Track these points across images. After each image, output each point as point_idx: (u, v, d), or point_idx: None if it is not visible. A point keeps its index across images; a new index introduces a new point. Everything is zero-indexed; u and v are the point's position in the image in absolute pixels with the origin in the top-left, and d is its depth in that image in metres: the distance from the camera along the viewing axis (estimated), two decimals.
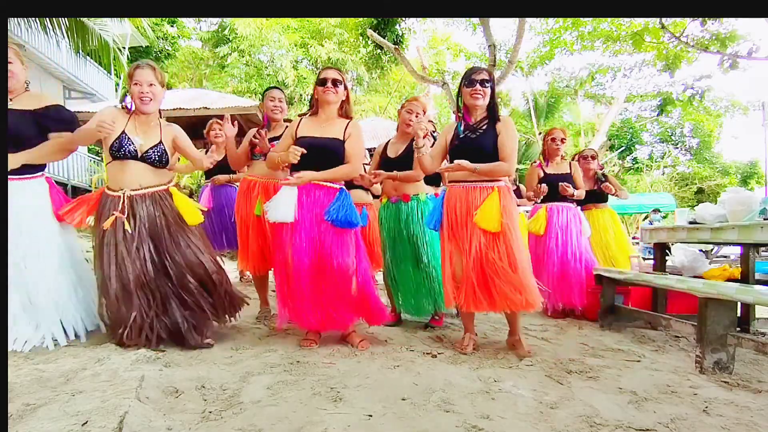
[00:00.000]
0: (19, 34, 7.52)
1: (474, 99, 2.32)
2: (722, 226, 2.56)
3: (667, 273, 2.93)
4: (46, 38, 5.60)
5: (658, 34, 10.23)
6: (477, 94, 2.31)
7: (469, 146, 2.33)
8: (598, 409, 1.62)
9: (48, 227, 2.31)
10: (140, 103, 2.25)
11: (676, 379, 2.00)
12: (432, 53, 17.54)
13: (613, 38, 11.65)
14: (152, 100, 2.26)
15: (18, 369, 1.82)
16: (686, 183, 20.85)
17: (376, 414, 1.52)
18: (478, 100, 2.32)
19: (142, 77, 2.22)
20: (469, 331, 2.46)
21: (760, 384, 1.96)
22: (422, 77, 11.08)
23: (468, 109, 2.39)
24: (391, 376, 1.91)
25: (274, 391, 1.69)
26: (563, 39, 12.55)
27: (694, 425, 1.52)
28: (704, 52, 9.47)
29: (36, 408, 1.43)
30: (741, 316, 2.50)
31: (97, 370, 1.78)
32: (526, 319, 3.28)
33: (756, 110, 18.66)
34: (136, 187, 2.27)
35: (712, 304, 2.09)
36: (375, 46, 12.66)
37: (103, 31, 6.01)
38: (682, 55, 10.30)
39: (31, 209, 2.27)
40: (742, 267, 2.61)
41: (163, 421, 1.40)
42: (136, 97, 2.24)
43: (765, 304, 1.90)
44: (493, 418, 1.53)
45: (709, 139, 22.47)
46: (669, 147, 23.29)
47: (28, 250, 2.21)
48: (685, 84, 12.68)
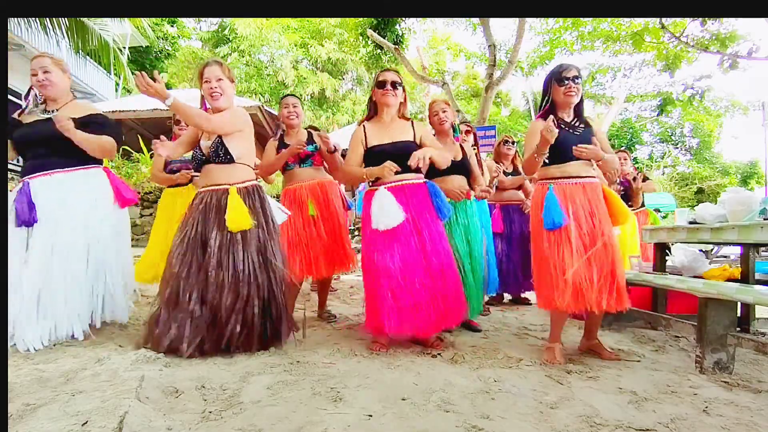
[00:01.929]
0: (19, 34, 7.52)
1: (569, 97, 2.27)
2: (722, 226, 2.56)
3: (667, 273, 2.92)
4: (46, 38, 5.59)
5: (658, 34, 10.24)
6: (571, 91, 2.26)
7: (574, 143, 2.23)
8: (598, 409, 1.62)
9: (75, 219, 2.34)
10: (211, 99, 2.28)
11: (676, 379, 2.00)
12: (432, 53, 17.56)
13: (613, 38, 11.65)
14: (222, 94, 2.28)
15: (18, 369, 1.82)
16: (686, 183, 20.82)
17: (376, 414, 1.52)
18: (572, 98, 2.27)
19: (210, 74, 2.26)
20: (558, 341, 2.30)
21: (760, 384, 1.97)
22: (422, 77, 11.09)
23: (558, 106, 2.32)
24: (391, 376, 1.91)
25: (274, 391, 1.69)
26: (563, 39, 12.54)
27: (694, 425, 1.52)
28: (704, 52, 9.49)
29: (36, 408, 1.43)
30: (741, 316, 2.50)
31: (97, 370, 1.78)
32: (526, 319, 3.28)
33: (756, 110, 18.68)
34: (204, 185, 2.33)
35: (712, 304, 2.09)
36: (375, 46, 12.66)
37: (103, 31, 6.01)
38: (682, 55, 10.30)
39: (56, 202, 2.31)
40: (742, 267, 2.61)
41: (163, 421, 1.40)
42: (207, 93, 2.28)
43: (765, 304, 1.90)
44: (493, 418, 1.53)
45: (709, 139, 22.48)
46: (669, 147, 23.29)
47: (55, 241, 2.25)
48: (685, 84, 12.68)
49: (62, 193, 2.30)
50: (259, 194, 2.34)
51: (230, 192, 2.24)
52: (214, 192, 2.27)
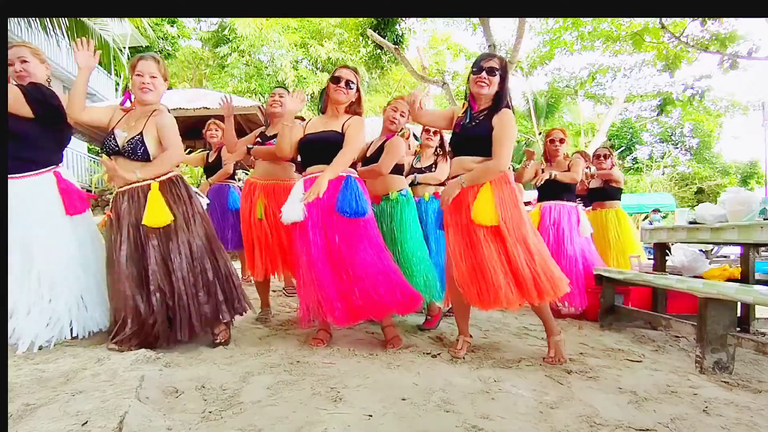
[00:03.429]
0: (19, 34, 7.52)
1: (478, 87, 2.18)
2: (722, 226, 2.56)
3: (667, 273, 2.92)
4: (46, 38, 5.59)
5: (658, 34, 10.22)
6: (482, 81, 2.16)
7: (466, 136, 2.23)
8: (598, 409, 1.62)
9: (58, 224, 2.30)
10: (140, 93, 2.24)
11: (676, 379, 2.01)
12: (432, 53, 17.55)
13: (613, 38, 11.64)
14: (152, 91, 2.25)
15: (18, 369, 1.82)
16: (686, 183, 20.85)
17: (376, 414, 1.52)
18: (482, 89, 2.17)
19: (144, 68, 2.23)
20: (464, 334, 2.39)
21: (760, 384, 1.97)
22: (422, 77, 11.09)
23: (473, 97, 2.26)
24: (391, 376, 1.91)
25: (274, 391, 1.69)
26: (563, 39, 12.53)
27: (694, 425, 1.52)
28: (704, 52, 9.48)
29: (36, 408, 1.43)
30: (741, 316, 2.50)
31: (97, 370, 1.78)
32: (526, 319, 3.28)
33: (756, 110, 18.66)
34: (122, 184, 2.24)
35: (712, 304, 2.09)
36: (375, 46, 12.67)
37: (103, 31, 6.02)
38: (682, 55, 10.29)
39: (41, 206, 2.26)
40: (742, 267, 2.61)
41: (163, 421, 1.40)
42: (136, 87, 2.24)
43: (765, 304, 1.90)
44: (493, 418, 1.53)
45: (709, 139, 22.49)
46: (669, 147, 23.31)
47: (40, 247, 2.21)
48: (685, 84, 12.65)
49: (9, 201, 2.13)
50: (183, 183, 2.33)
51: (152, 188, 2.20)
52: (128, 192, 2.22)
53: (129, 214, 2.20)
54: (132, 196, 2.21)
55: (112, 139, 2.24)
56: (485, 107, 2.22)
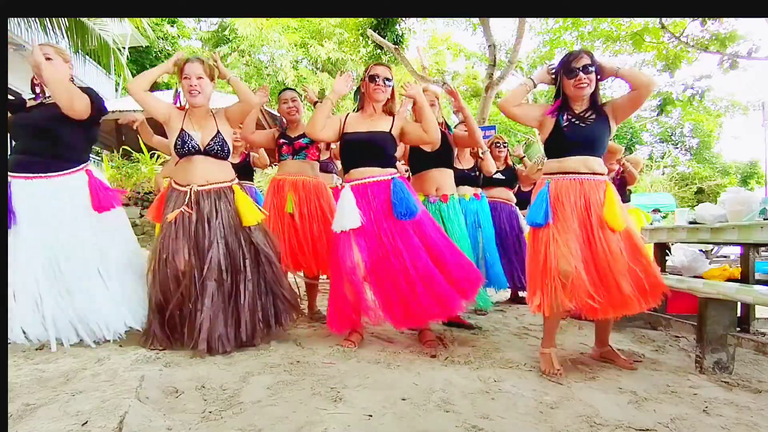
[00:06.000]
0: (19, 34, 7.52)
1: (580, 89, 2.04)
2: (722, 226, 2.55)
3: (667, 273, 2.92)
4: (46, 38, 5.58)
5: (658, 34, 10.23)
6: (583, 83, 2.03)
7: (581, 135, 2.07)
8: (598, 409, 1.62)
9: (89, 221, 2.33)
10: (190, 97, 2.29)
11: (676, 379, 2.01)
12: (432, 53, 17.56)
13: (613, 38, 11.63)
14: (200, 93, 2.29)
15: (18, 369, 1.82)
16: (686, 183, 20.85)
17: (376, 414, 1.52)
18: (584, 90, 2.04)
19: (191, 70, 2.27)
20: (554, 345, 2.11)
21: (760, 384, 1.97)
22: (422, 77, 11.07)
23: (571, 99, 2.11)
24: (391, 376, 1.91)
25: (274, 391, 1.69)
26: (563, 39, 12.53)
27: (694, 425, 1.52)
28: (704, 52, 9.48)
29: (36, 408, 1.43)
30: (741, 316, 2.50)
31: (97, 370, 1.78)
32: (526, 319, 3.28)
33: (756, 110, 18.69)
34: (203, 183, 2.29)
35: (712, 304, 2.09)
36: (375, 46, 12.65)
37: (103, 31, 6.01)
38: (682, 55, 10.29)
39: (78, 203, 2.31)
40: (742, 267, 2.61)
41: (163, 421, 1.40)
42: (186, 90, 2.29)
43: (765, 304, 1.90)
44: (493, 418, 1.53)
45: (709, 139, 22.51)
46: (669, 147, 23.33)
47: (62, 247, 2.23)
48: (685, 84, 12.67)
49: (39, 201, 2.23)
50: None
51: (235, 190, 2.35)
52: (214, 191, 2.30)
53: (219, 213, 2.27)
54: (219, 195, 2.31)
55: (191, 139, 2.28)
56: (587, 107, 2.11)
